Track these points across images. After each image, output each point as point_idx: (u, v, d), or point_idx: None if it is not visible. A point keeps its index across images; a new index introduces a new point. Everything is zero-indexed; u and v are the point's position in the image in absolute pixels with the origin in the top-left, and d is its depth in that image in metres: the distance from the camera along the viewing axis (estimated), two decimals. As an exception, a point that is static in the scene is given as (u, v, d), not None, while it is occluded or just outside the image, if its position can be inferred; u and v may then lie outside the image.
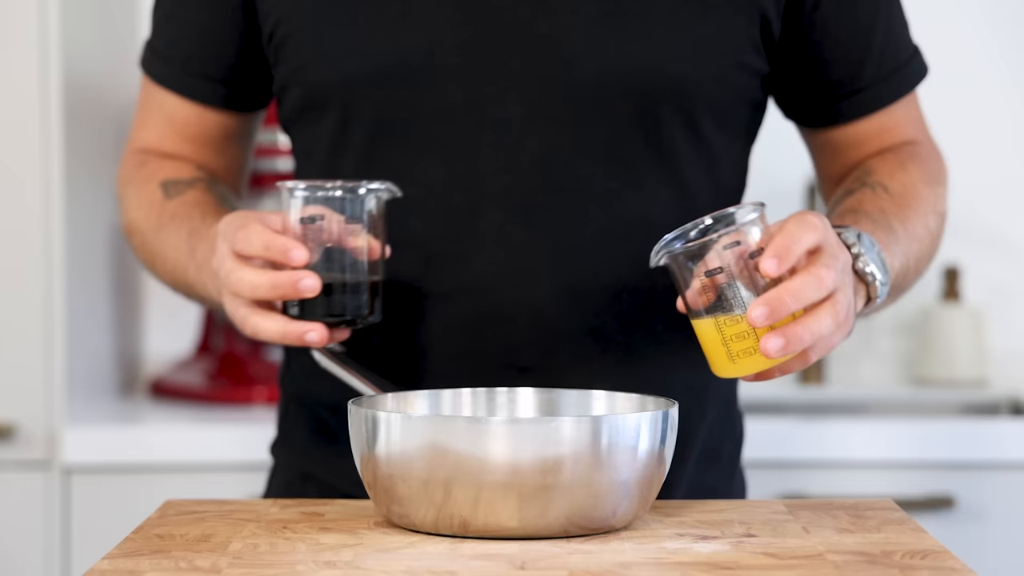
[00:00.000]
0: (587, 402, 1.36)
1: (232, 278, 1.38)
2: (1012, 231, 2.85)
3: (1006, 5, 2.83)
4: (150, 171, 1.62)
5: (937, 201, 1.58)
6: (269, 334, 1.38)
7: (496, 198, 1.48)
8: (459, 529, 1.22)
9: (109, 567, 1.14)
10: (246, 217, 1.40)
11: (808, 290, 1.27)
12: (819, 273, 1.27)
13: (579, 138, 1.47)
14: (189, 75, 1.61)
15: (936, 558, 1.17)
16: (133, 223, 1.62)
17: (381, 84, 1.49)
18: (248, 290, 1.37)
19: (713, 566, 1.15)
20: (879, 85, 1.57)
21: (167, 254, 1.56)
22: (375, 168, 1.50)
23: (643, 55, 1.47)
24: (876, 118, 1.58)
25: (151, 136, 1.66)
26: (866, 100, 1.57)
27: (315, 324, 1.38)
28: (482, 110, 1.48)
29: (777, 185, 2.72)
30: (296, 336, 1.38)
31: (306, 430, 1.59)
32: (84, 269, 2.45)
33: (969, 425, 2.41)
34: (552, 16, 1.47)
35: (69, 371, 2.34)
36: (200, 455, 2.33)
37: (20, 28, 2.30)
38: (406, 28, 1.48)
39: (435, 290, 1.49)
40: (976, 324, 2.77)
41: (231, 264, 1.38)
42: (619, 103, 1.47)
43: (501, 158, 1.48)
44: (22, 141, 2.31)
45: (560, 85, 1.47)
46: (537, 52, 1.47)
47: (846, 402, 2.77)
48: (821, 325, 1.28)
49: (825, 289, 1.28)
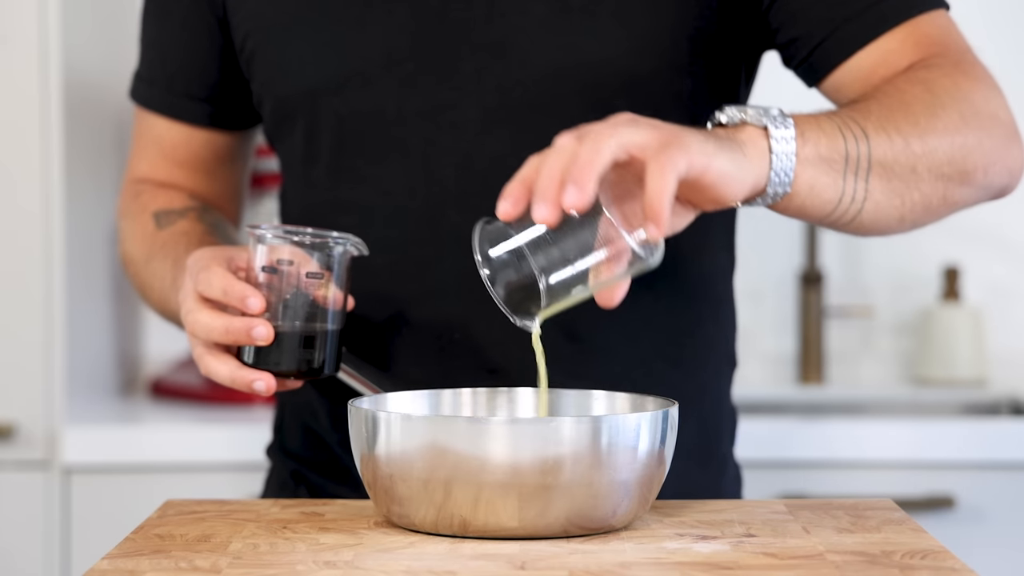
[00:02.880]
0: (587, 402, 1.36)
1: (189, 319, 1.39)
2: (1012, 231, 2.85)
3: (1006, 8, 2.83)
4: (143, 202, 1.65)
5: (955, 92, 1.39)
6: (220, 377, 1.39)
7: (455, 202, 1.48)
8: (459, 529, 1.22)
9: (109, 567, 1.14)
10: (212, 258, 1.41)
11: (549, 160, 1.19)
12: (559, 141, 1.21)
13: (535, 137, 1.46)
14: (173, 95, 1.63)
15: (936, 558, 1.17)
16: (128, 254, 1.66)
17: (340, 92, 1.50)
18: (203, 333, 1.38)
19: (713, 566, 1.15)
20: (856, 20, 1.45)
21: (155, 284, 1.59)
22: (342, 176, 1.52)
23: (593, 50, 1.47)
24: (867, 54, 1.46)
25: (144, 165, 1.68)
26: (844, 38, 1.45)
27: (263, 374, 1.38)
28: (438, 115, 1.49)
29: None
30: (244, 383, 1.38)
31: (299, 434, 1.60)
32: (84, 269, 2.45)
33: (969, 425, 2.41)
34: (502, 17, 1.48)
35: (69, 371, 2.34)
36: (200, 455, 2.33)
37: (20, 28, 2.30)
38: (363, 37, 1.50)
39: (401, 295, 1.50)
40: (976, 324, 2.78)
41: (191, 304, 1.39)
42: (573, 100, 1.47)
43: (458, 161, 1.49)
44: (22, 141, 2.31)
45: (514, 87, 1.48)
46: (490, 55, 1.48)
47: (846, 402, 2.77)
48: (548, 163, 1.20)
49: (567, 150, 1.20)
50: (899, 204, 1.38)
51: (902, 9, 1.46)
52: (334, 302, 1.39)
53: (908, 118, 1.37)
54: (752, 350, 2.81)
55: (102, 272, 2.57)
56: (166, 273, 1.55)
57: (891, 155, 1.35)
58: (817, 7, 1.47)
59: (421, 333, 1.50)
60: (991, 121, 1.42)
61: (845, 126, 1.33)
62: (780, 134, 1.28)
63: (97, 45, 2.54)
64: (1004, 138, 1.43)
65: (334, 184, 1.52)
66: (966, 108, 1.40)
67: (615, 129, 1.21)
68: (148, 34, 1.66)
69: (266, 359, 1.38)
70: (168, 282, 1.55)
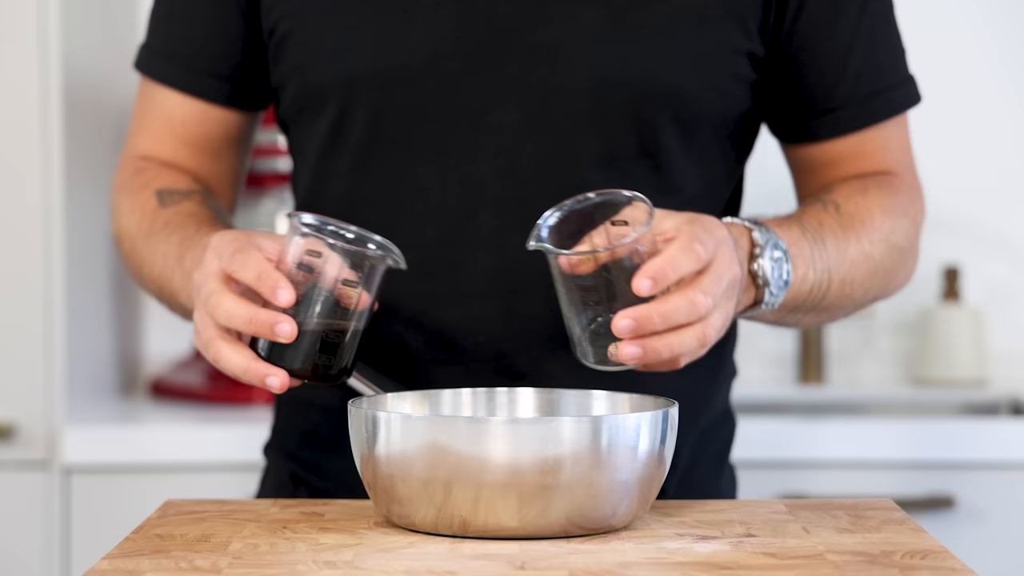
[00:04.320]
0: (587, 402, 1.36)
1: (211, 300, 1.33)
2: (1012, 231, 2.85)
3: (1006, 7, 2.83)
4: (146, 179, 1.61)
5: (892, 232, 1.54)
6: (231, 367, 1.33)
7: (491, 203, 1.48)
8: (459, 529, 1.22)
9: (109, 567, 1.14)
10: (246, 240, 1.35)
11: (679, 314, 1.28)
12: (694, 298, 1.28)
13: (575, 145, 1.47)
14: (194, 72, 1.60)
15: (936, 558, 1.17)
16: (124, 229, 1.61)
17: (381, 86, 1.49)
18: (224, 318, 1.32)
19: (713, 566, 1.15)
20: (853, 107, 1.55)
21: (155, 260, 1.55)
22: (370, 170, 1.50)
23: (640, 63, 1.47)
24: (851, 141, 1.57)
25: (148, 141, 1.64)
26: (838, 120, 1.56)
27: (279, 370, 1.32)
28: (480, 115, 1.48)
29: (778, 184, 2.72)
30: (257, 377, 1.32)
31: (298, 433, 1.59)
32: (84, 269, 2.45)
33: (969, 425, 2.41)
34: (550, 23, 1.47)
35: (69, 371, 2.34)
36: (200, 455, 2.33)
37: (20, 28, 2.30)
38: (408, 31, 1.48)
39: (426, 294, 1.49)
40: (976, 324, 2.77)
41: (214, 284, 1.33)
42: (615, 111, 1.47)
43: (497, 163, 1.48)
44: (22, 141, 2.31)
45: (558, 92, 1.47)
46: (535, 59, 1.47)
47: (846, 402, 2.77)
48: (683, 345, 1.29)
49: (696, 315, 1.28)
50: (809, 322, 1.56)
51: (895, 105, 1.58)
52: (361, 308, 1.33)
53: (868, 280, 1.53)
54: (752, 350, 2.81)
55: (102, 272, 2.57)
56: (170, 250, 1.52)
57: (836, 302, 1.52)
58: (839, 80, 1.54)
59: (445, 334, 1.49)
60: (912, 257, 1.59)
61: (823, 274, 1.48)
62: (771, 299, 1.43)
63: (97, 45, 2.54)
64: (912, 268, 1.61)
65: (360, 177, 1.50)
66: (908, 259, 1.58)
67: (725, 314, 1.32)
68: (167, 7, 1.61)
69: (281, 356, 1.32)
70: (172, 260, 1.51)
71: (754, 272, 1.41)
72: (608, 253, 1.28)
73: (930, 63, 1.62)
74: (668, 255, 1.28)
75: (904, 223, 1.56)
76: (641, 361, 1.28)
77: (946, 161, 2.73)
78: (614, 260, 1.28)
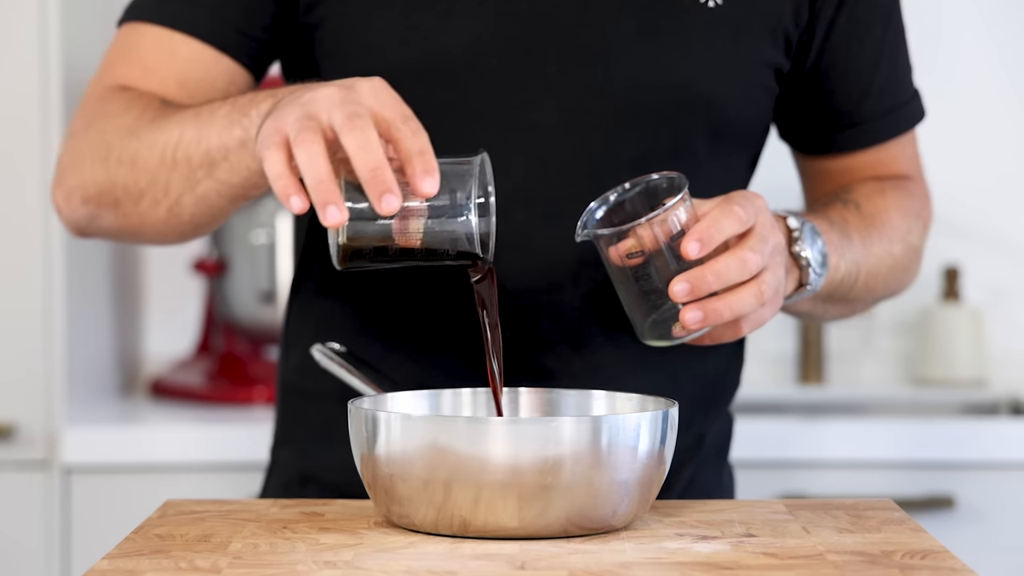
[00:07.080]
0: (587, 402, 1.36)
1: (353, 116, 1.22)
2: (1012, 231, 2.85)
3: (1006, 9, 2.83)
4: (137, 93, 1.49)
5: (909, 232, 1.60)
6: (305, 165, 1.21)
7: (523, 201, 1.48)
8: (459, 529, 1.22)
9: (109, 567, 1.14)
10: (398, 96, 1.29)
11: (731, 271, 1.31)
12: (744, 256, 1.32)
13: (608, 148, 1.48)
14: (221, 24, 1.51)
15: (936, 558, 1.17)
16: (112, 130, 1.46)
17: (419, 79, 1.47)
18: (356, 141, 1.21)
19: (713, 566, 1.15)
20: (876, 121, 1.60)
21: (170, 132, 1.42)
22: None
23: (678, 71, 1.49)
24: (870, 153, 1.62)
25: (133, 71, 1.51)
26: (862, 134, 1.61)
27: (343, 204, 1.21)
28: (516, 113, 1.48)
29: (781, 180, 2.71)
30: (325, 197, 1.20)
31: (304, 424, 1.59)
32: (84, 269, 2.45)
33: (969, 425, 2.41)
34: (591, 26, 1.48)
35: (69, 371, 2.34)
36: (200, 455, 2.33)
37: (20, 28, 2.30)
38: (449, 26, 1.48)
39: (453, 288, 1.49)
40: (976, 324, 2.78)
41: (365, 115, 1.23)
42: (651, 117, 1.49)
43: (531, 161, 1.48)
44: (22, 141, 2.31)
45: (595, 94, 1.48)
46: (575, 60, 1.48)
47: (846, 402, 2.77)
48: (742, 303, 1.32)
49: (748, 272, 1.32)
50: (836, 314, 1.61)
51: (912, 119, 1.63)
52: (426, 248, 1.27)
53: (889, 276, 1.58)
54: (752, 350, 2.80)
55: (102, 272, 2.57)
56: (206, 114, 1.40)
57: (861, 295, 1.57)
58: (865, 96, 1.58)
59: (471, 330, 1.49)
60: (920, 258, 1.65)
61: (852, 265, 1.51)
62: (815, 280, 1.46)
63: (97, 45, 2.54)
64: (919, 269, 1.66)
65: None
66: (918, 260, 1.64)
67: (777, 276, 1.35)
68: None
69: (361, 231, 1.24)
70: (219, 118, 1.39)
71: (795, 254, 1.44)
72: (648, 225, 1.32)
73: (930, 64, 1.62)
74: (711, 218, 1.32)
75: (918, 225, 1.62)
76: (703, 324, 1.32)
77: (946, 161, 2.73)
78: (660, 237, 1.32)
